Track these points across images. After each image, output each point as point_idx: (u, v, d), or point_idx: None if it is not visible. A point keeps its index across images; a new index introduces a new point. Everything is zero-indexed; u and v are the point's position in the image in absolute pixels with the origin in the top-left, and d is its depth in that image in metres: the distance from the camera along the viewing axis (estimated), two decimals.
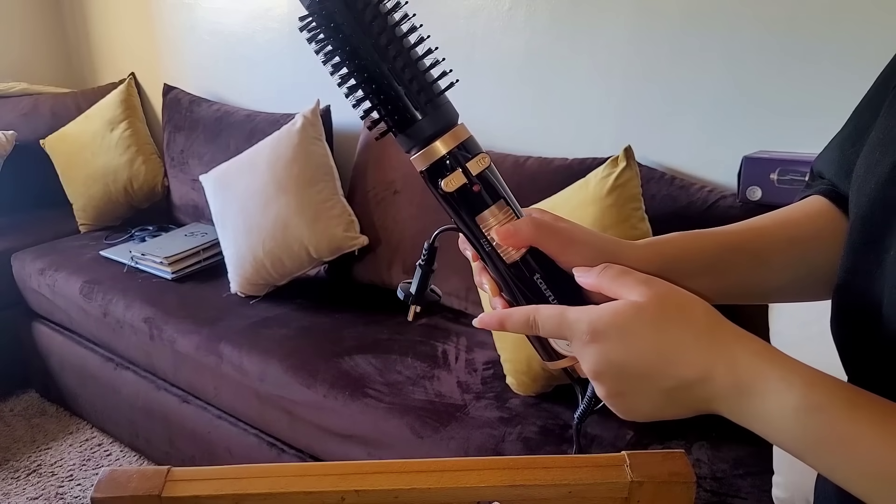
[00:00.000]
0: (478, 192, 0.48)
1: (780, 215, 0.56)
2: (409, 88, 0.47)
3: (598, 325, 0.43)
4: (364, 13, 0.45)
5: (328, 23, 0.46)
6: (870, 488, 0.38)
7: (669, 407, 0.43)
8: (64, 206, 2.49)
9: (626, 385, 0.43)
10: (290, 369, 1.57)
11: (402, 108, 0.47)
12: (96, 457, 2.10)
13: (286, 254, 1.86)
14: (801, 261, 0.54)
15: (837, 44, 1.38)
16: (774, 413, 0.39)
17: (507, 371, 1.45)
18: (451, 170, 0.48)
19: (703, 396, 0.41)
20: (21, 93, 2.69)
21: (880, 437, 0.36)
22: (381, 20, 0.46)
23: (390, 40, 0.46)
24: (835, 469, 0.39)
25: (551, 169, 1.67)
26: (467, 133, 0.49)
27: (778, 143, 1.47)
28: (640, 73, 1.63)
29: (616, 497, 0.51)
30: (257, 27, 2.30)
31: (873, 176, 0.45)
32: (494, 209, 0.48)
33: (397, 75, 0.46)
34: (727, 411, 0.41)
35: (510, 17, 1.79)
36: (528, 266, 0.49)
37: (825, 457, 0.38)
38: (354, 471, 0.52)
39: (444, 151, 0.48)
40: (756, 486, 1.20)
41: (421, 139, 0.48)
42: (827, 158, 0.57)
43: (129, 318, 1.90)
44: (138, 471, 0.52)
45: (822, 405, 0.38)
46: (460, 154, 0.48)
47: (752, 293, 0.55)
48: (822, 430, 0.38)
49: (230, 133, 2.27)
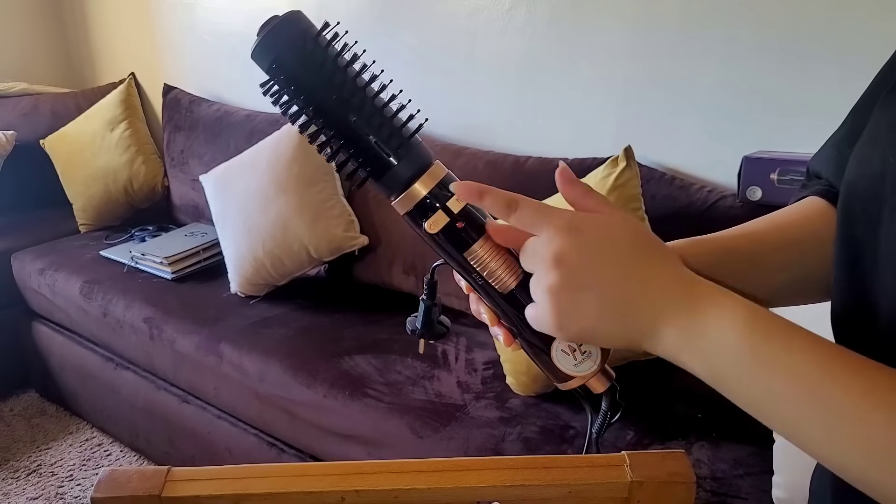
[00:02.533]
0: (462, 228, 0.48)
1: (776, 218, 0.56)
2: (379, 136, 0.47)
3: (580, 219, 0.44)
4: (322, 69, 0.46)
5: (289, 84, 0.46)
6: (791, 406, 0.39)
7: (611, 322, 0.43)
8: (64, 206, 2.49)
9: (584, 279, 0.42)
10: (290, 369, 1.57)
11: (375, 156, 0.47)
12: (96, 457, 2.10)
13: (286, 254, 1.86)
14: (798, 263, 0.54)
15: (837, 44, 1.38)
16: (717, 324, 0.40)
17: (507, 371, 1.45)
18: (433, 210, 0.47)
19: (653, 313, 0.42)
20: (21, 93, 2.69)
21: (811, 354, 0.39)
22: (341, 73, 0.46)
23: (353, 92, 0.46)
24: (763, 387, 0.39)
25: (551, 169, 1.66)
26: (444, 171, 0.49)
27: (778, 143, 1.47)
28: (641, 72, 1.64)
29: (616, 497, 0.51)
30: (257, 27, 2.30)
31: (863, 171, 0.45)
32: (481, 242, 0.48)
33: (366, 125, 0.46)
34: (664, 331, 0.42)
35: (510, 17, 1.79)
36: (524, 293, 0.47)
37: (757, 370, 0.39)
38: (354, 471, 0.52)
39: (423, 193, 0.48)
40: (756, 486, 1.20)
41: (399, 184, 0.48)
42: (824, 158, 0.57)
43: (129, 318, 1.90)
44: (138, 471, 0.52)
45: (767, 320, 0.40)
46: (440, 194, 0.48)
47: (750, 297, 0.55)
48: (763, 340, 0.39)
49: (230, 133, 2.27)
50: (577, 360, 0.48)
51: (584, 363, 0.48)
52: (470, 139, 1.90)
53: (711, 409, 1.38)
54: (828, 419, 0.37)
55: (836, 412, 0.37)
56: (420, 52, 1.97)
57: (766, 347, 0.39)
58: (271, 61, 0.46)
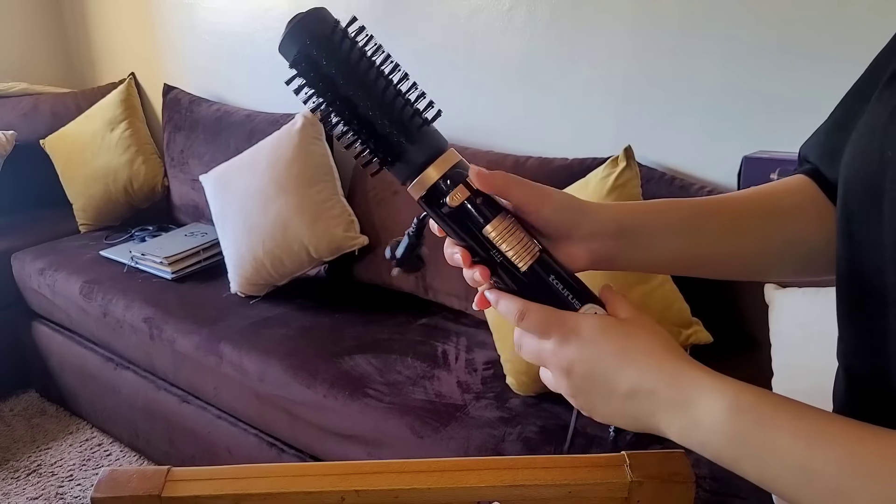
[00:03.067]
0: (481, 203, 0.49)
1: (760, 188, 0.57)
2: (395, 121, 0.48)
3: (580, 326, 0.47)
4: (350, 55, 0.48)
5: (315, 69, 0.47)
6: (789, 484, 0.41)
7: (620, 415, 0.48)
8: (64, 206, 2.49)
9: (587, 384, 0.47)
10: (290, 369, 1.57)
11: (393, 140, 0.48)
12: (96, 457, 2.10)
13: (286, 254, 1.86)
14: (777, 233, 0.54)
15: (837, 43, 1.38)
16: (707, 416, 0.43)
17: (507, 371, 1.45)
18: (452, 186, 0.49)
19: (648, 408, 0.46)
20: (21, 93, 2.69)
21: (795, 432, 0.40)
22: (364, 61, 0.48)
23: (375, 79, 0.48)
24: (760, 469, 0.42)
25: (551, 169, 1.67)
26: (458, 156, 0.50)
27: (778, 143, 1.47)
28: (640, 72, 1.63)
29: (616, 497, 0.51)
30: (257, 27, 2.30)
31: (862, 164, 0.45)
32: (500, 218, 0.49)
33: (383, 111, 0.48)
34: (666, 424, 0.45)
35: (510, 17, 1.78)
36: (544, 268, 0.49)
37: (751, 455, 0.42)
38: (354, 471, 0.52)
39: (439, 175, 0.49)
40: (756, 486, 1.20)
41: (415, 167, 0.49)
42: (812, 143, 0.58)
43: (129, 318, 1.90)
44: (138, 471, 0.52)
45: (751, 405, 0.42)
46: (456, 173, 0.49)
47: (727, 264, 0.57)
48: (749, 428, 0.42)
49: (230, 133, 2.27)
50: None
51: None
52: (470, 139, 1.90)
53: None
54: (823, 495, 0.39)
55: (827, 488, 0.39)
56: (420, 52, 1.97)
57: (754, 433, 0.42)
58: (297, 50, 0.47)
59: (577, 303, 0.49)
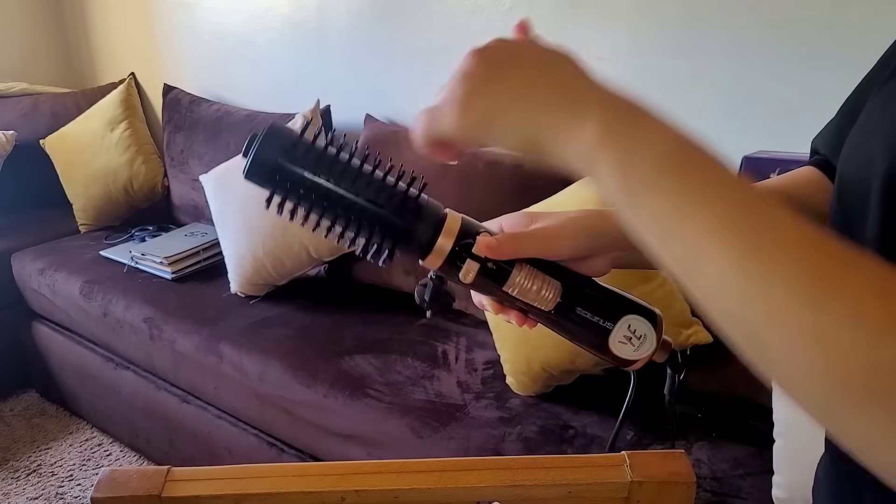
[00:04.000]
0: (493, 267, 0.49)
1: (773, 182, 0.58)
2: (400, 200, 0.48)
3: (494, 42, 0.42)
4: (326, 156, 0.47)
5: (298, 183, 0.46)
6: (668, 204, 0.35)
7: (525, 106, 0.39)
8: (64, 206, 2.49)
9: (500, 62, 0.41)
10: (290, 369, 1.57)
11: (401, 224, 0.48)
12: (96, 457, 2.10)
13: (286, 254, 1.86)
14: None
15: (838, 43, 1.38)
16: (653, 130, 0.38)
17: (507, 371, 1.45)
18: (461, 259, 0.49)
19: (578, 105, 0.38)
20: (21, 93, 2.69)
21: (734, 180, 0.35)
22: (339, 162, 0.47)
23: (360, 167, 0.47)
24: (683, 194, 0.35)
25: (551, 169, 1.66)
26: (459, 217, 0.50)
27: (778, 143, 1.47)
28: (641, 72, 1.63)
29: (616, 497, 0.51)
30: (257, 27, 2.30)
31: (854, 160, 0.46)
32: (515, 272, 0.49)
33: (385, 195, 0.47)
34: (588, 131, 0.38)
35: (510, 17, 1.78)
36: (569, 302, 0.50)
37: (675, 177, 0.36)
38: (354, 471, 0.52)
39: (452, 242, 0.49)
40: (756, 486, 1.20)
41: (426, 241, 0.49)
42: (823, 135, 0.59)
43: (129, 318, 1.90)
44: (138, 471, 0.52)
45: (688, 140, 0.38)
46: (464, 243, 0.49)
47: None
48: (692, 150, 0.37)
49: (230, 133, 2.27)
50: (635, 346, 0.50)
51: (642, 346, 0.50)
52: None
53: (711, 409, 1.38)
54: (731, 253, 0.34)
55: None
56: (420, 52, 1.97)
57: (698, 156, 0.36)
58: (273, 172, 0.46)
59: (610, 323, 0.50)
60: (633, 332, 0.49)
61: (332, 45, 2.15)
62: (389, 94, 2.08)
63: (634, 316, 0.50)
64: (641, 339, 0.50)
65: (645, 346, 0.50)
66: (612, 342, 0.50)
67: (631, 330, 0.49)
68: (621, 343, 0.50)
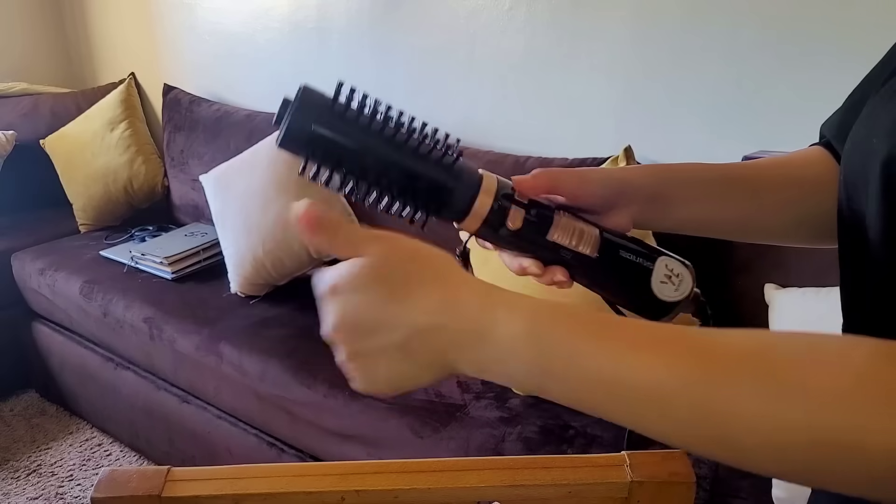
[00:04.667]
0: (536, 214, 0.49)
1: (781, 157, 0.59)
2: (439, 162, 0.47)
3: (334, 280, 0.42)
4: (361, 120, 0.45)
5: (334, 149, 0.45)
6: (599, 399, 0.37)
7: (409, 367, 0.40)
8: (64, 206, 2.49)
9: (361, 343, 0.41)
10: (290, 369, 1.57)
11: (440, 185, 0.47)
12: (96, 457, 2.10)
13: (286, 254, 1.86)
14: (798, 202, 0.56)
15: (838, 43, 1.38)
16: (507, 345, 0.38)
17: None
18: (505, 213, 0.48)
19: (439, 347, 0.39)
20: (21, 93, 2.68)
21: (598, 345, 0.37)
22: (379, 117, 0.46)
23: (396, 129, 0.46)
24: (574, 390, 0.37)
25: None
26: (494, 177, 0.49)
27: (778, 143, 1.47)
28: (641, 72, 1.63)
29: (616, 497, 0.51)
30: (257, 27, 2.30)
31: (856, 152, 0.46)
32: (557, 219, 0.49)
33: (423, 157, 0.46)
34: (466, 362, 0.39)
35: (510, 17, 1.79)
36: (611, 246, 0.50)
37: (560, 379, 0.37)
38: (354, 471, 0.52)
39: (491, 201, 0.48)
40: (756, 486, 1.20)
41: (465, 202, 0.48)
42: (831, 121, 0.59)
43: (129, 318, 1.90)
44: (138, 471, 0.52)
45: (549, 325, 0.38)
46: (504, 194, 0.48)
47: (750, 229, 0.58)
48: (552, 349, 0.37)
49: (230, 133, 2.27)
50: (675, 285, 0.50)
51: (681, 285, 0.50)
52: (470, 139, 1.90)
53: None
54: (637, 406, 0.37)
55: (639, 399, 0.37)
56: (420, 52, 1.97)
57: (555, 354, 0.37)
58: (308, 138, 0.45)
59: (650, 263, 0.50)
60: (672, 270, 0.50)
61: (332, 45, 2.15)
62: (389, 94, 2.08)
63: (668, 256, 0.50)
64: (680, 279, 0.50)
65: (684, 286, 0.50)
66: (655, 282, 0.49)
67: (669, 269, 0.49)
68: (662, 283, 0.50)
